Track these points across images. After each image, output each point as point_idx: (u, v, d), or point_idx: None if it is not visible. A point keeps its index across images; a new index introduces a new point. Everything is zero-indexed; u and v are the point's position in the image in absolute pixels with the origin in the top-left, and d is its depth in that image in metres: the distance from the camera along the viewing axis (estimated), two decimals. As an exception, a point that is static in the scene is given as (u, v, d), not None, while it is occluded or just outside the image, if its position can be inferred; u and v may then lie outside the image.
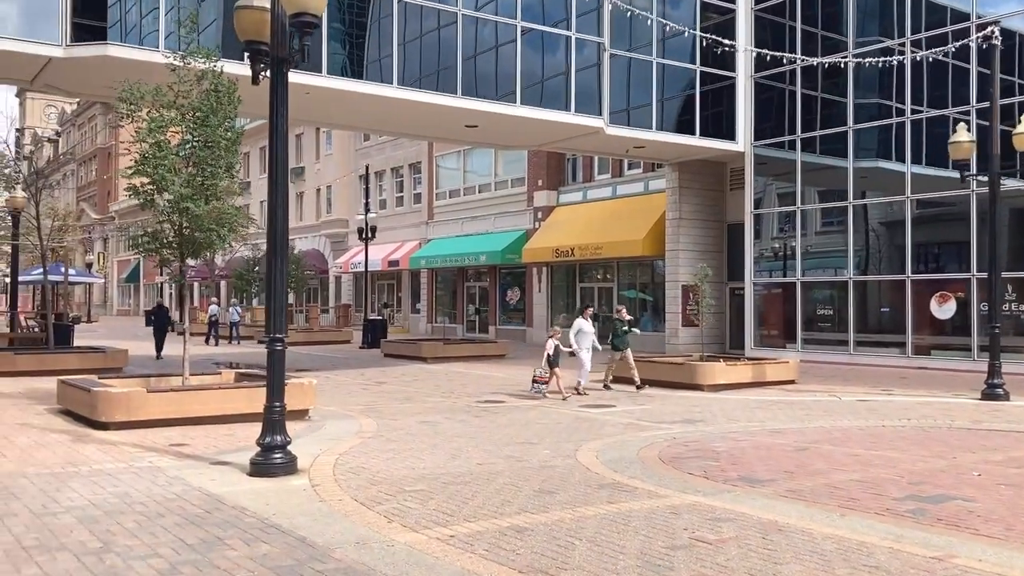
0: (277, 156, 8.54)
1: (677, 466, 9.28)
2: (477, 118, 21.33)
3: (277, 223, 8.49)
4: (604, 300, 32.23)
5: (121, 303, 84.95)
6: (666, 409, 14.68)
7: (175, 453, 9.60)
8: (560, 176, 34.40)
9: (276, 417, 8.43)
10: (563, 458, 9.68)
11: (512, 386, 18.53)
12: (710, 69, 25.05)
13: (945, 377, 19.82)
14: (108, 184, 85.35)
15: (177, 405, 11.86)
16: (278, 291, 8.47)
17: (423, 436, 11.31)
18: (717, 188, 28.50)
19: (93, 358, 20.35)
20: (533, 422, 12.86)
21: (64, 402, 13.14)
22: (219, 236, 12.89)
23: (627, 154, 26.57)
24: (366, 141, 46.35)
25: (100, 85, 18.30)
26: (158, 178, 12.22)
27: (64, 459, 9.13)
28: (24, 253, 31.02)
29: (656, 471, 8.97)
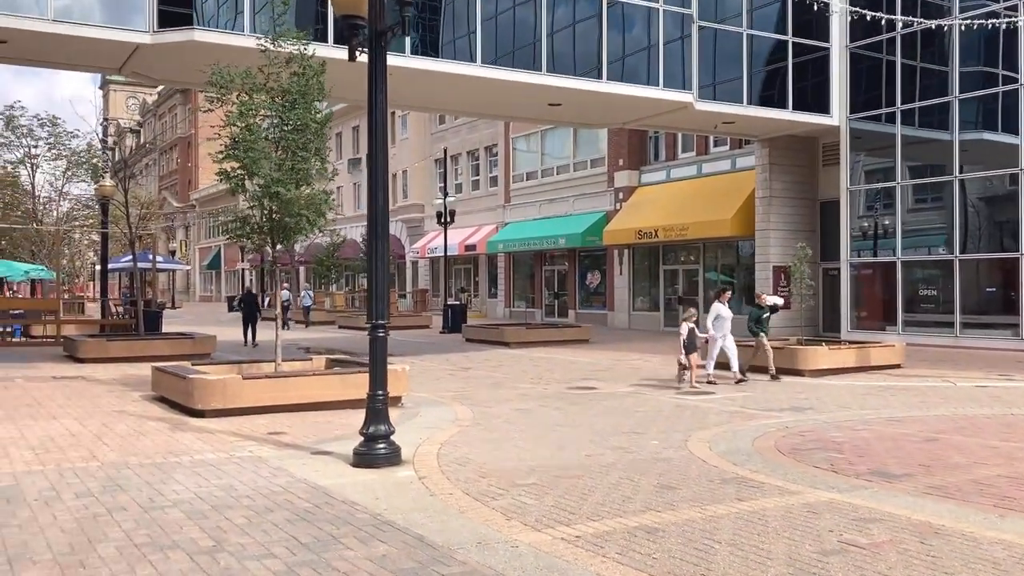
0: (377, 135, 8.17)
1: (799, 458, 8.68)
2: (561, 96, 20.77)
3: (378, 204, 8.13)
4: (688, 282, 31.42)
5: (203, 289, 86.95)
6: (769, 396, 14.00)
7: (274, 442, 9.38)
8: (642, 155, 33.59)
9: (379, 406, 8.10)
10: (674, 449, 9.16)
11: (601, 371, 18.03)
12: (803, 40, 23.98)
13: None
14: (189, 172, 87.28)
15: (272, 392, 11.69)
16: (380, 276, 8.12)
17: (522, 424, 10.90)
18: (809, 164, 27.39)
19: (182, 344, 20.51)
20: (631, 410, 12.35)
21: (159, 389, 13.12)
22: (309, 221, 12.68)
23: (715, 130, 25.69)
24: (441, 124, 46.15)
25: (186, 71, 18.34)
26: (249, 162, 12.02)
27: (164, 448, 8.98)
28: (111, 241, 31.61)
29: (779, 464, 8.38)
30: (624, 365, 19.42)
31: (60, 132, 34.54)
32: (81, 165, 34.67)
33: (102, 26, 15.88)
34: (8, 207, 39.62)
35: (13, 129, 34.19)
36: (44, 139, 34.33)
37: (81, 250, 44.36)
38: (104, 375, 16.55)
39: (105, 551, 5.34)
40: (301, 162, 12.45)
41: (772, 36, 23.53)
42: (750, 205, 27.62)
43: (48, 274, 32.28)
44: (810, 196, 27.45)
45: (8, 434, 9.76)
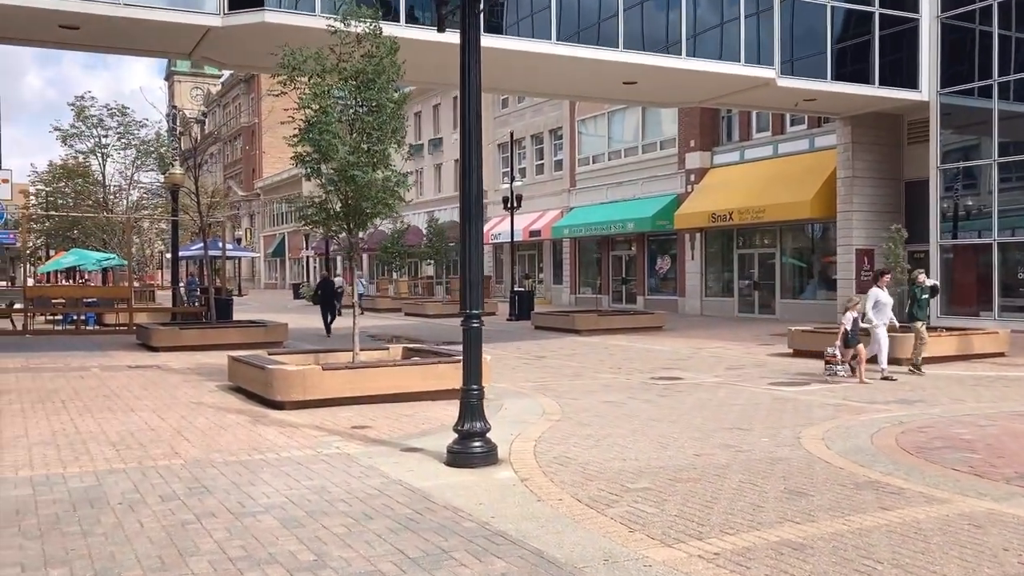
0: (469, 111, 7.60)
1: (930, 459, 7.91)
2: (637, 73, 19.99)
3: (471, 186, 7.56)
4: (763, 267, 30.37)
5: (268, 277, 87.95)
6: (872, 388, 13.14)
7: (360, 437, 8.91)
8: (714, 136, 32.54)
9: (475, 401, 7.56)
10: (789, 447, 8.45)
11: (681, 361, 17.31)
12: (890, 11, 22.76)
13: None
14: (253, 161, 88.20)
15: (352, 383, 11.26)
16: (474, 262, 7.56)
17: (615, 418, 10.28)
18: (893, 143, 26.14)
19: (254, 332, 20.32)
20: (727, 403, 11.64)
21: (235, 379, 12.80)
22: (386, 205, 12.21)
23: (796, 108, 24.62)
24: (504, 108, 45.53)
25: (255, 55, 18.03)
26: (324, 145, 11.56)
27: (247, 444, 8.57)
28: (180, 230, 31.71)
29: (911, 465, 7.62)
30: (705, 354, 18.65)
31: (129, 122, 34.77)
32: (150, 154, 34.86)
33: (173, 9, 15.60)
34: (80, 196, 40.18)
35: (84, 119, 34.50)
36: (114, 129, 34.60)
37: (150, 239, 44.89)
38: (178, 364, 16.38)
39: (198, 567, 4.87)
40: (376, 144, 11.99)
41: (857, 8, 22.35)
42: (831, 186, 26.48)
43: (120, 262, 32.57)
44: (895, 176, 26.21)
45: (88, 428, 9.47)
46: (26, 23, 15.83)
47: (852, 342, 13.95)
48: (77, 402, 11.48)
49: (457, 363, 11.97)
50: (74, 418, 10.18)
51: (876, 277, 15.31)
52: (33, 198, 48.21)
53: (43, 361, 16.96)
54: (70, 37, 16.66)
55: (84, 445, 8.47)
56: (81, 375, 14.62)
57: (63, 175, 42.43)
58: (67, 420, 10.03)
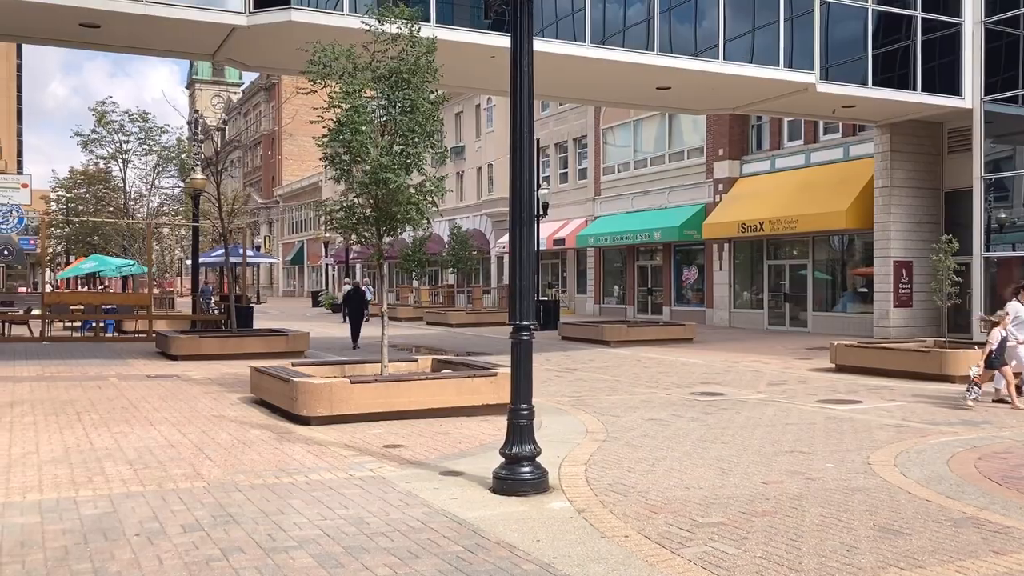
0: (521, 109, 6.98)
1: (1022, 489, 7.19)
2: (673, 78, 19.33)
3: (521, 188, 6.93)
4: (794, 278, 29.57)
5: (286, 285, 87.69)
6: (927, 407, 12.39)
7: (394, 458, 8.27)
8: (743, 145, 31.81)
9: (524, 422, 6.91)
10: (862, 475, 7.74)
11: (719, 375, 16.60)
12: (932, 15, 22.01)
13: None
14: (272, 169, 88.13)
15: (382, 398, 10.63)
16: (524, 269, 6.92)
17: (664, 439, 9.60)
18: (933, 152, 25.33)
19: (275, 341, 19.76)
20: (779, 422, 10.93)
21: (259, 392, 12.20)
22: (419, 211, 11.61)
23: (833, 115, 23.86)
24: (528, 116, 44.94)
25: (281, 56, 17.51)
26: (356, 146, 10.98)
27: (273, 464, 7.94)
28: (200, 236, 31.27)
29: (1005, 498, 6.90)
30: (742, 368, 17.92)
31: (150, 127, 34.47)
32: (171, 160, 34.53)
33: (197, 7, 15.09)
34: (100, 202, 39.91)
35: (105, 124, 34.23)
36: (135, 134, 34.30)
37: (170, 245, 44.59)
38: (199, 374, 15.81)
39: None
40: (411, 146, 11.40)
41: (899, 12, 21.63)
42: (867, 196, 25.69)
43: (140, 269, 32.17)
44: (934, 186, 25.39)
45: (104, 444, 8.88)
46: (46, 20, 15.37)
47: (996, 363, 12.49)
48: (93, 414, 10.90)
49: (492, 377, 11.36)
50: (89, 432, 9.60)
51: (1015, 291, 13.63)
52: (53, 204, 48.06)
53: (59, 369, 16.44)
54: (91, 36, 16.19)
55: (99, 463, 7.87)
56: (98, 385, 14.06)
57: (84, 181, 42.23)
58: (82, 434, 9.45)
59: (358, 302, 23.53)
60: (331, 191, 70.40)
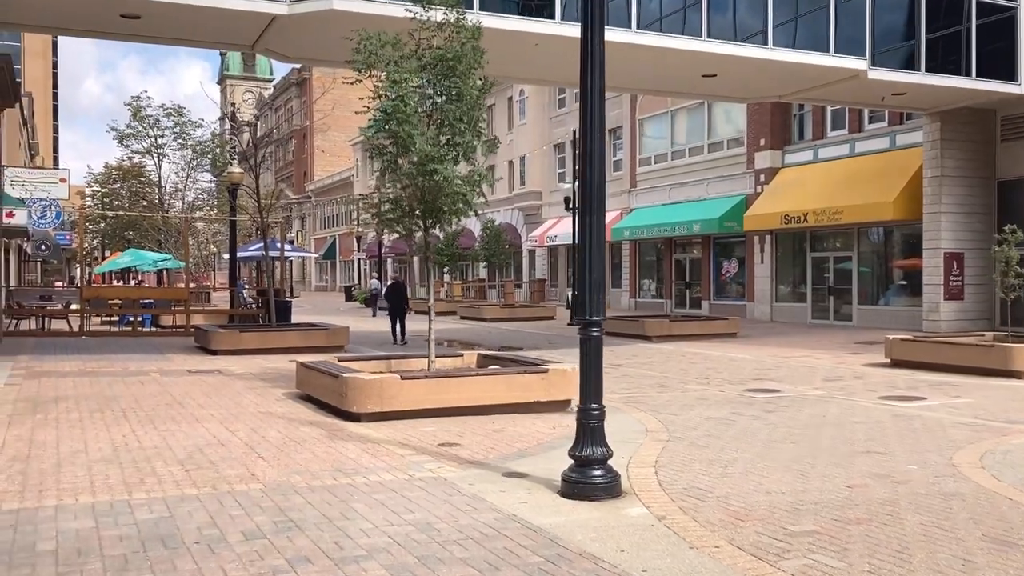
0: (592, 90, 6.60)
1: None
2: (719, 65, 18.79)
3: (592, 174, 6.54)
4: (838, 271, 28.89)
5: (318, 279, 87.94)
6: (995, 403, 11.87)
7: (452, 457, 7.93)
8: (785, 134, 31.13)
9: (595, 423, 6.54)
10: (951, 479, 7.28)
11: (770, 371, 16.15)
12: (986, -2, 21.29)
13: None
14: (304, 164, 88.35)
15: (432, 394, 10.30)
16: (595, 260, 6.53)
17: (730, 439, 9.18)
18: (984, 140, 24.56)
19: (315, 336, 19.54)
20: (845, 420, 10.48)
21: (305, 387, 11.93)
22: (466, 202, 11.27)
23: (883, 103, 23.19)
24: (561, 108, 44.52)
25: (322, 47, 17.20)
26: (404, 135, 10.64)
27: (329, 463, 7.64)
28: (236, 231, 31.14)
29: (1113, 505, 6.44)
30: (793, 363, 17.43)
31: (185, 121, 34.44)
32: (206, 154, 34.48)
33: (237, -4, 14.82)
34: (135, 196, 40.02)
35: (140, 119, 34.25)
36: (170, 128, 34.29)
37: (205, 240, 44.68)
38: (240, 368, 15.59)
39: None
40: (459, 135, 11.06)
41: (953, -5, 20.92)
42: (915, 186, 24.99)
43: (176, 264, 32.16)
44: (986, 175, 24.63)
45: (152, 442, 8.62)
46: (89, 13, 15.19)
47: None
48: (138, 411, 10.68)
49: (543, 373, 11.01)
50: (136, 430, 9.36)
51: None
52: (89, 199, 48.33)
53: (100, 364, 16.30)
54: (131, 27, 15.98)
55: (149, 463, 7.61)
56: (140, 380, 13.88)
57: (119, 176, 42.37)
58: (129, 432, 9.21)
59: (399, 297, 22.93)
60: (363, 186, 70.48)
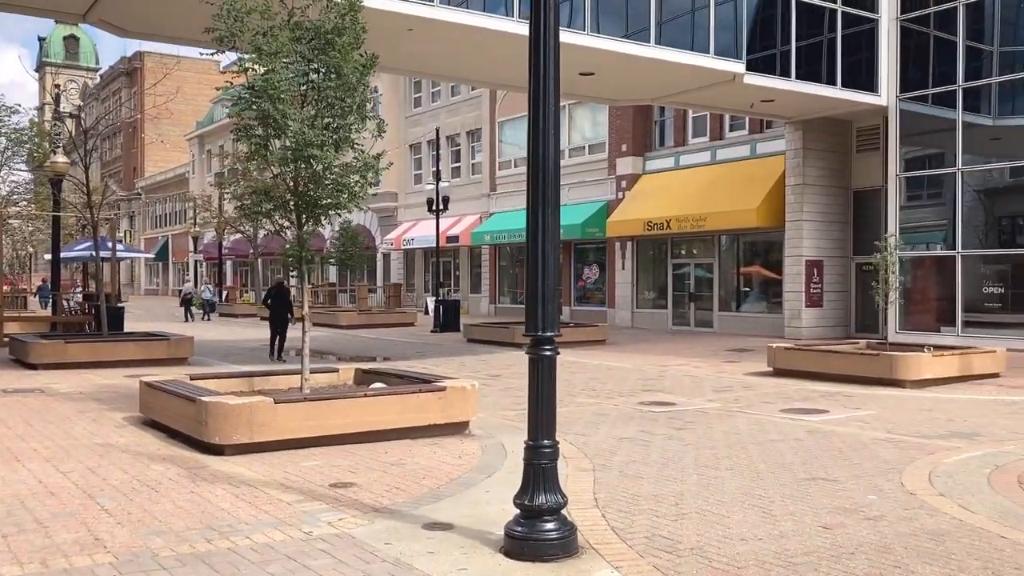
0: (544, 58, 5.38)
1: (1111, 526, 6.14)
2: (600, 61, 18.05)
3: (547, 164, 5.34)
4: (699, 277, 28.96)
5: (149, 282, 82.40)
6: (898, 415, 11.51)
7: (352, 503, 6.51)
8: (647, 141, 31.02)
9: (547, 464, 5.33)
10: (922, 511, 6.54)
11: (654, 380, 15.57)
12: (851, 9, 21.64)
13: None
14: (134, 159, 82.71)
15: (314, 420, 8.79)
16: (548, 263, 5.33)
17: (659, 466, 8.20)
18: (843, 150, 25.11)
19: (155, 347, 17.38)
20: (763, 439, 9.76)
21: (151, 411, 10.09)
22: (352, 194, 9.86)
23: (751, 109, 23.21)
24: (417, 108, 43.17)
25: (167, 17, 15.19)
26: (278, 115, 9.11)
27: (197, 517, 6.06)
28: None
29: (1110, 540, 5.82)
30: (675, 373, 16.87)
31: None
32: (23, 143, 30.88)
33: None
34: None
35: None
36: (-20, 114, 30.43)
37: (23, 238, 40.33)
38: (67, 386, 13.39)
39: None
40: (340, 117, 9.64)
41: (820, 4, 21.12)
42: (777, 194, 25.27)
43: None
44: (843, 184, 25.19)
45: (-46, 493, 6.72)
46: None
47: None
48: (-63, 447, 8.60)
49: (440, 392, 9.70)
50: (-67, 474, 7.38)
51: None
52: None
53: None
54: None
55: (-49, 526, 5.78)
56: (-59, 404, 11.54)
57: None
58: (-77, 477, 7.23)
59: (283, 304, 19.40)
60: (200, 183, 66.26)
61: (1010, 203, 21.82)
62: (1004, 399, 13.14)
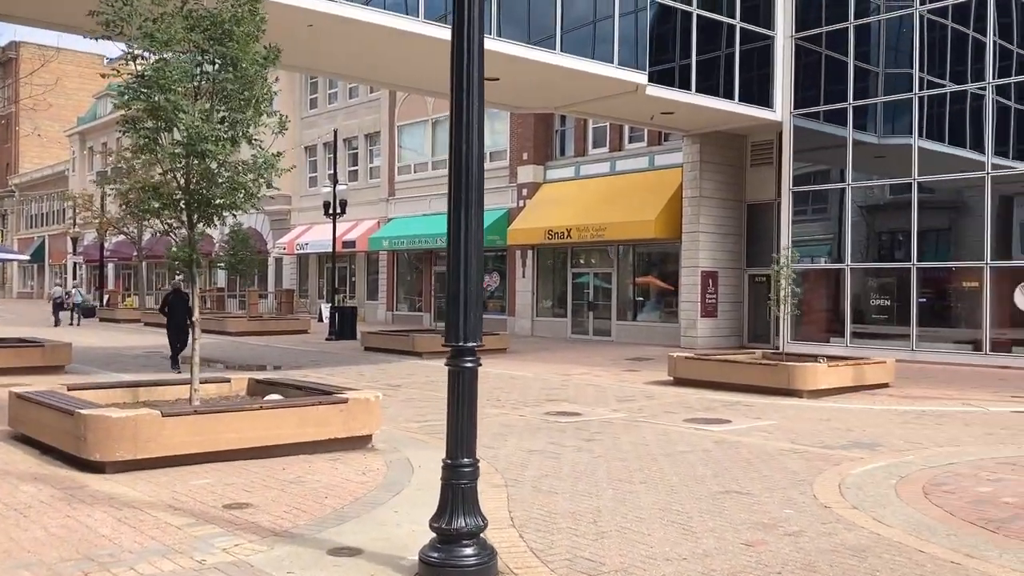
0: (470, 36, 5.05)
1: (1008, 532, 6.22)
2: (505, 67, 17.81)
3: (471, 159, 4.99)
4: (599, 286, 29.10)
5: (22, 285, 77.92)
6: (799, 425, 11.64)
7: (248, 527, 6.00)
8: (548, 150, 31.04)
9: (466, 484, 4.96)
10: (840, 525, 6.48)
11: (558, 390, 15.42)
12: (749, 25, 22.12)
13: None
14: (7, 155, 78.24)
15: (205, 434, 8.19)
16: (471, 267, 4.98)
17: (572, 480, 7.96)
18: (737, 164, 25.65)
19: (28, 354, 16.23)
20: (672, 450, 9.66)
21: (22, 425, 9.26)
22: (248, 194, 9.31)
23: (651, 121, 23.42)
24: (312, 109, 42.15)
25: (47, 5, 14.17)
26: (170, 107, 8.50)
27: (73, 546, 5.45)
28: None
29: (1000, 544, 5.86)
30: (577, 381, 16.78)
31: None
32: None
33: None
34: None
35: None
36: None
37: None
38: (-75, 399, 12.23)
39: None
40: (238, 112, 9.10)
41: (720, 19, 21.50)
42: (675, 206, 25.62)
43: None
44: (738, 198, 25.73)
45: None
46: None
47: None
48: None
49: (342, 404, 9.21)
50: None
51: None
52: None
53: None
54: None
55: None
56: None
57: None
58: None
59: (182, 308, 17.88)
60: (80, 181, 63.05)
61: (893, 219, 22.66)
62: (897, 409, 13.48)
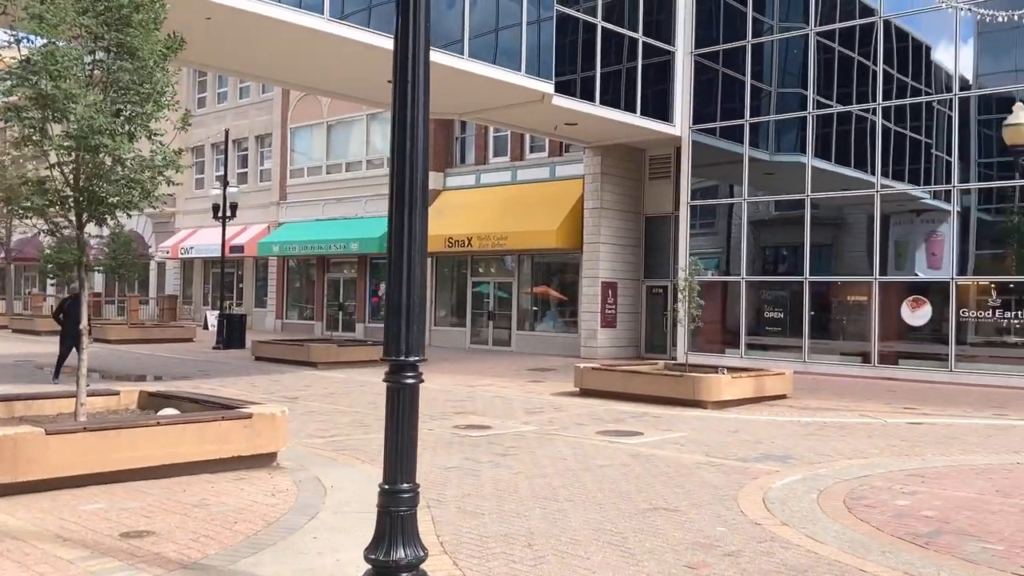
0: (416, 31, 4.68)
1: (955, 553, 6.24)
2: (412, 72, 17.39)
3: (416, 157, 4.62)
4: (499, 296, 28.90)
5: None
6: (710, 437, 11.66)
7: (152, 559, 5.41)
8: (448, 157, 30.68)
9: (405, 511, 4.55)
10: (775, 543, 6.36)
11: (464, 402, 15.13)
12: (651, 40, 22.36)
13: (951, 391, 17.91)
14: None
15: (95, 453, 7.48)
16: (414, 274, 4.60)
17: (494, 498, 7.63)
18: (636, 177, 25.95)
19: None
20: (591, 464, 9.49)
21: None
22: (144, 192, 8.64)
23: (555, 131, 23.39)
24: (201, 108, 40.50)
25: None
26: (60, 96, 7.79)
27: (-54, 588, 4.78)
28: None
29: (952, 566, 5.85)
30: (483, 393, 16.47)
31: None
32: None
33: None
34: None
35: None
36: None
37: None
38: None
39: None
40: (136, 104, 8.43)
41: (624, 32, 21.66)
42: (576, 216, 25.71)
43: None
44: (636, 210, 26.00)
45: None
46: None
47: None
48: None
49: (246, 419, 8.61)
50: None
51: None
52: None
53: None
54: None
55: None
56: None
57: None
58: None
59: (76, 318, 17.09)
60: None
61: (786, 234, 23.29)
62: (800, 420, 13.69)
